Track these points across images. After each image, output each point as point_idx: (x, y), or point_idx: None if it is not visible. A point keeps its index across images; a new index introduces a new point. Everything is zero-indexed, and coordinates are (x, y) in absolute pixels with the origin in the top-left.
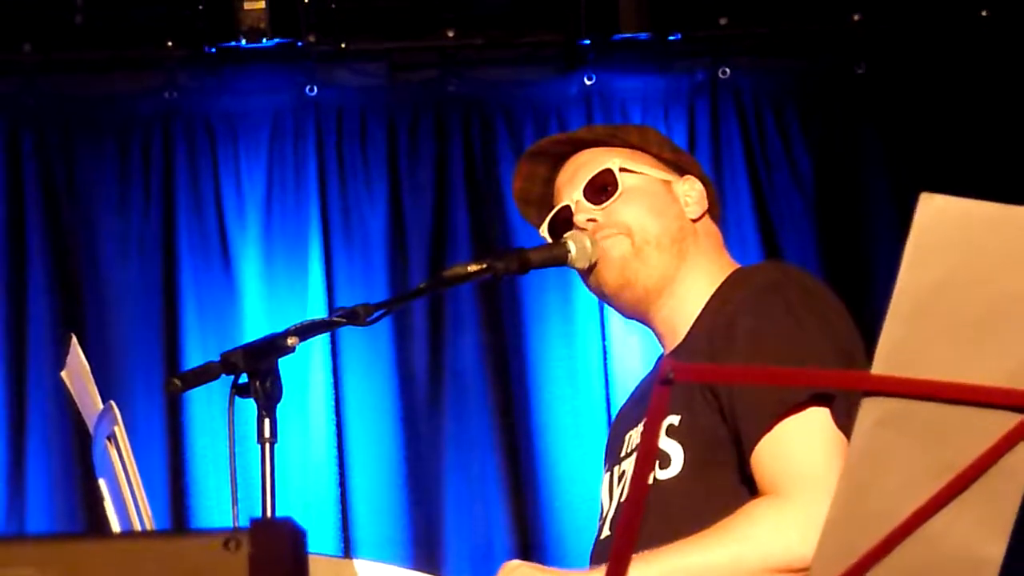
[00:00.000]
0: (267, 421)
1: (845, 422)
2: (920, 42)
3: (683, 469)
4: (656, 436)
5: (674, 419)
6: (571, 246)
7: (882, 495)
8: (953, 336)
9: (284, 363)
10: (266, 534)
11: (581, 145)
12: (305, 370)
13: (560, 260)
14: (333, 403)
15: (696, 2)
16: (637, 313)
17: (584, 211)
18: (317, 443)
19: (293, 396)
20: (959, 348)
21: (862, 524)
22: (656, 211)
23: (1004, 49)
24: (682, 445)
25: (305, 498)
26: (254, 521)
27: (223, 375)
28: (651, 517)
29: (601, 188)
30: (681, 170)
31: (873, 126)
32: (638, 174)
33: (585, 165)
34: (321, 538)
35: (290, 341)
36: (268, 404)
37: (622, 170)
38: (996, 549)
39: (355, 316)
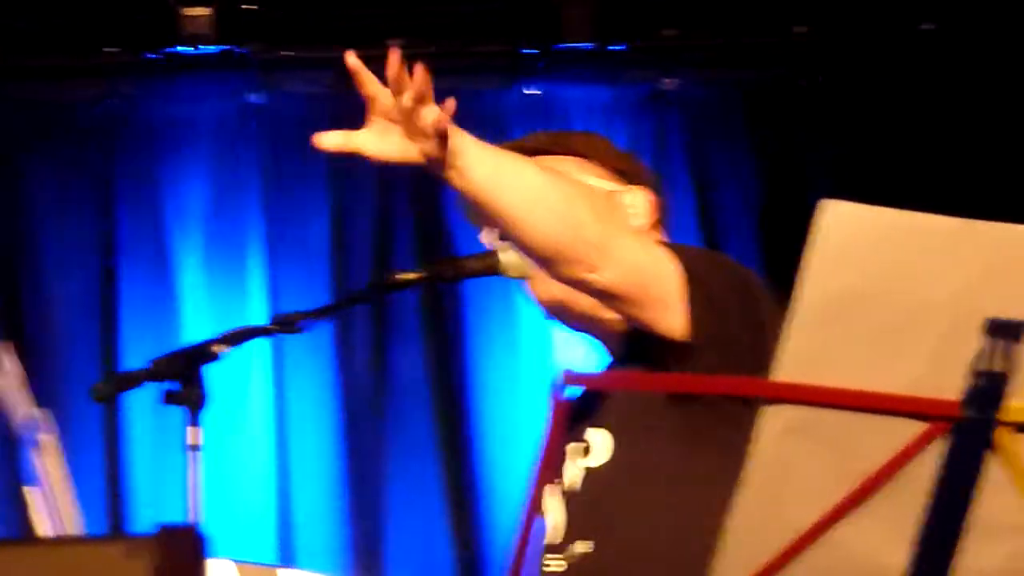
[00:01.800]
0: (193, 428)
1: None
2: (865, 55)
3: (612, 453)
4: (557, 443)
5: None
6: (505, 257)
7: (786, 503)
8: (858, 343)
9: (225, 371)
10: (170, 541)
11: (526, 153)
12: (246, 378)
13: (493, 270)
14: (274, 411)
15: (641, 13)
16: (580, 329)
17: None
18: (258, 451)
19: (234, 403)
20: (864, 356)
21: (766, 532)
22: None
23: (949, 63)
24: (609, 431)
25: (245, 506)
26: (158, 528)
27: (151, 381)
28: (592, 505)
29: None
30: (628, 178)
31: (818, 138)
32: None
33: None
34: (261, 546)
35: (218, 348)
36: (195, 411)
37: None
38: (900, 556)
39: (287, 324)
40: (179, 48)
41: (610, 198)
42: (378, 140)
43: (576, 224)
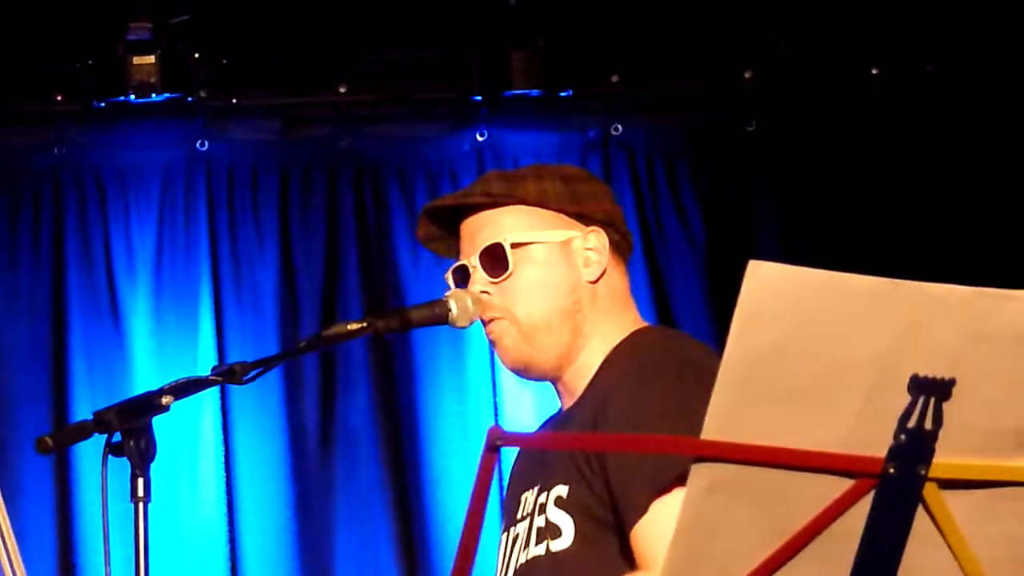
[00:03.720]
0: (140, 480)
1: None
2: (810, 100)
3: (574, 541)
4: (483, 499)
5: (562, 490)
6: (452, 305)
7: (714, 561)
8: (784, 402)
9: (173, 418)
10: None
11: (478, 209)
12: (195, 427)
13: (442, 319)
14: (223, 460)
15: (588, 59)
16: (542, 381)
17: (479, 282)
18: (207, 500)
19: (183, 453)
20: (790, 414)
21: None
22: (547, 290)
23: (893, 107)
24: (571, 516)
25: (195, 556)
26: None
27: (96, 434)
28: None
29: (494, 261)
30: (585, 220)
31: (764, 183)
32: (532, 244)
33: (482, 228)
34: None
35: (164, 400)
36: (141, 463)
37: (514, 245)
38: None
39: (232, 374)
40: (128, 96)
41: (565, 247)
42: None
43: None
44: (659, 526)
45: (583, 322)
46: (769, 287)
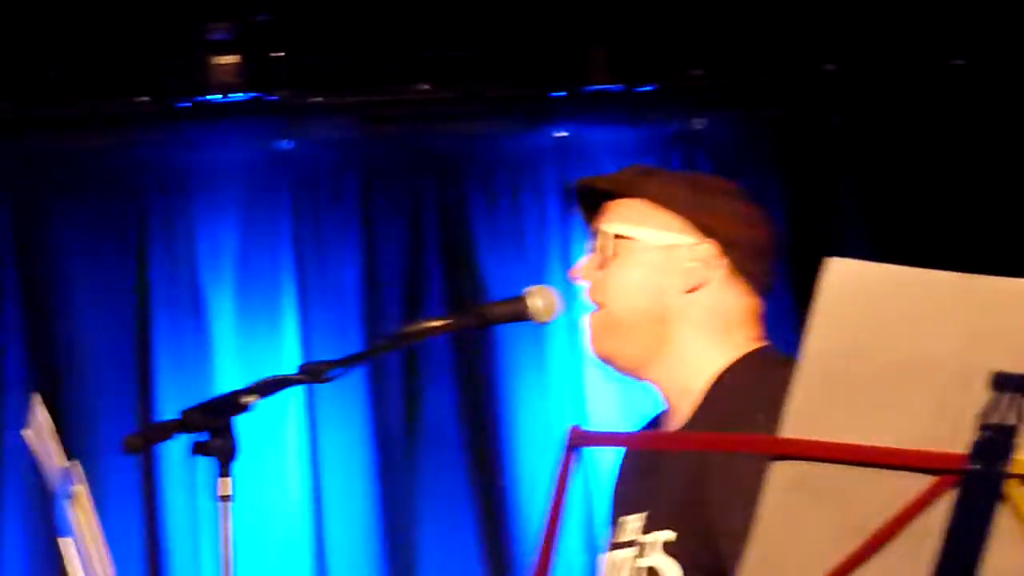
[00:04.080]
0: (224, 479)
1: None
2: (894, 92)
3: None
4: (563, 499)
5: (670, 535)
6: (531, 302)
7: (793, 559)
8: (862, 399)
9: (260, 419)
10: None
11: (599, 195)
12: (281, 426)
13: (520, 316)
14: (309, 459)
15: (668, 53)
16: (629, 378)
17: (584, 268)
18: (293, 500)
19: (269, 452)
20: (868, 411)
21: None
22: (639, 288)
23: (978, 98)
24: (679, 562)
25: (282, 556)
26: None
27: (181, 433)
28: None
29: (599, 248)
30: (707, 230)
31: (848, 177)
32: (635, 239)
33: (604, 216)
34: None
35: (247, 399)
36: (226, 462)
37: (617, 236)
38: None
39: (313, 373)
40: (208, 96)
41: (670, 251)
42: None
43: None
44: None
45: (671, 332)
46: (846, 284)
